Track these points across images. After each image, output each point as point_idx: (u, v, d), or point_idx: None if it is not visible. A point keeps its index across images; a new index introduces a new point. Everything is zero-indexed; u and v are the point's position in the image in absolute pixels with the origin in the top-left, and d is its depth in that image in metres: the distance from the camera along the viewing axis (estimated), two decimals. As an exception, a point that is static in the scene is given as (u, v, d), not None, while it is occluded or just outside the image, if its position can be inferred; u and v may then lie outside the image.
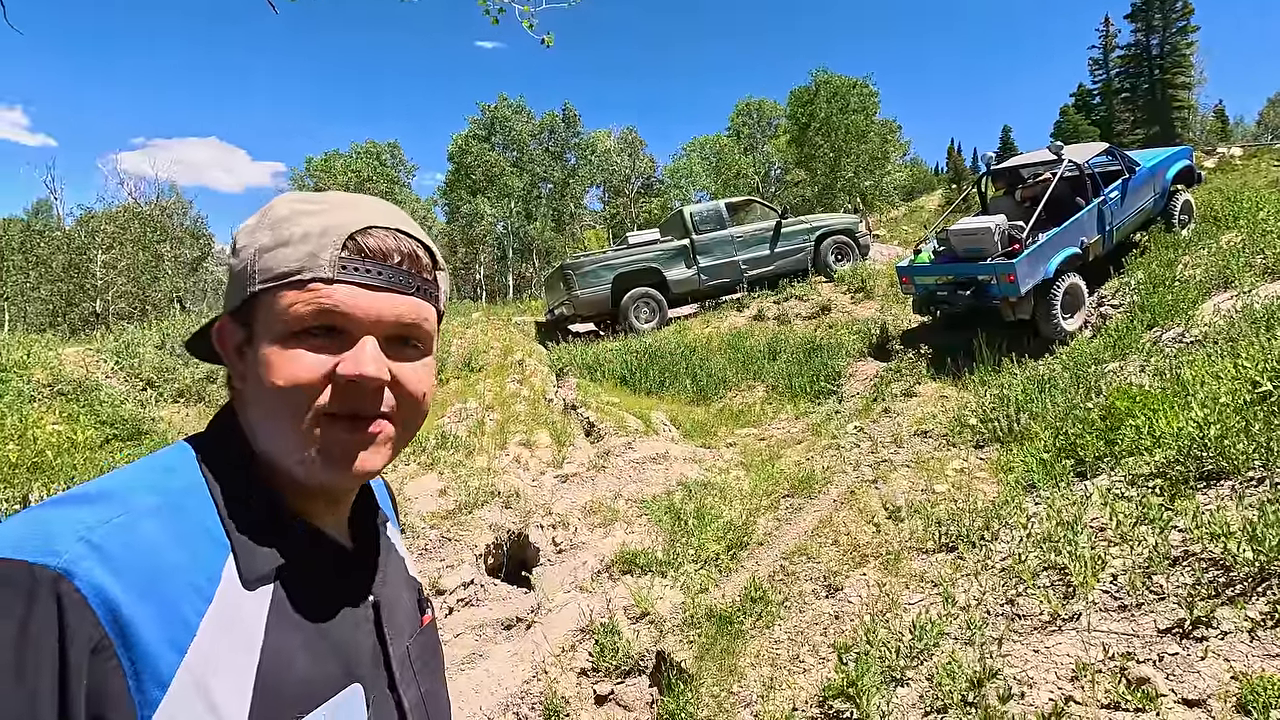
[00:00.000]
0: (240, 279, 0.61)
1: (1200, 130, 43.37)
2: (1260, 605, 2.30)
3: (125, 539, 0.51)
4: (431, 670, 0.76)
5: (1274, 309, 5.12)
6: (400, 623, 0.71)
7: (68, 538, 0.49)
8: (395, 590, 0.73)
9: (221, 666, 0.52)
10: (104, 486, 0.55)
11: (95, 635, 0.48)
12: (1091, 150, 8.03)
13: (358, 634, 0.65)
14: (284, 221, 0.61)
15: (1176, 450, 3.35)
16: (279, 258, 0.59)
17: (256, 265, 0.60)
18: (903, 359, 7.56)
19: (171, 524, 0.54)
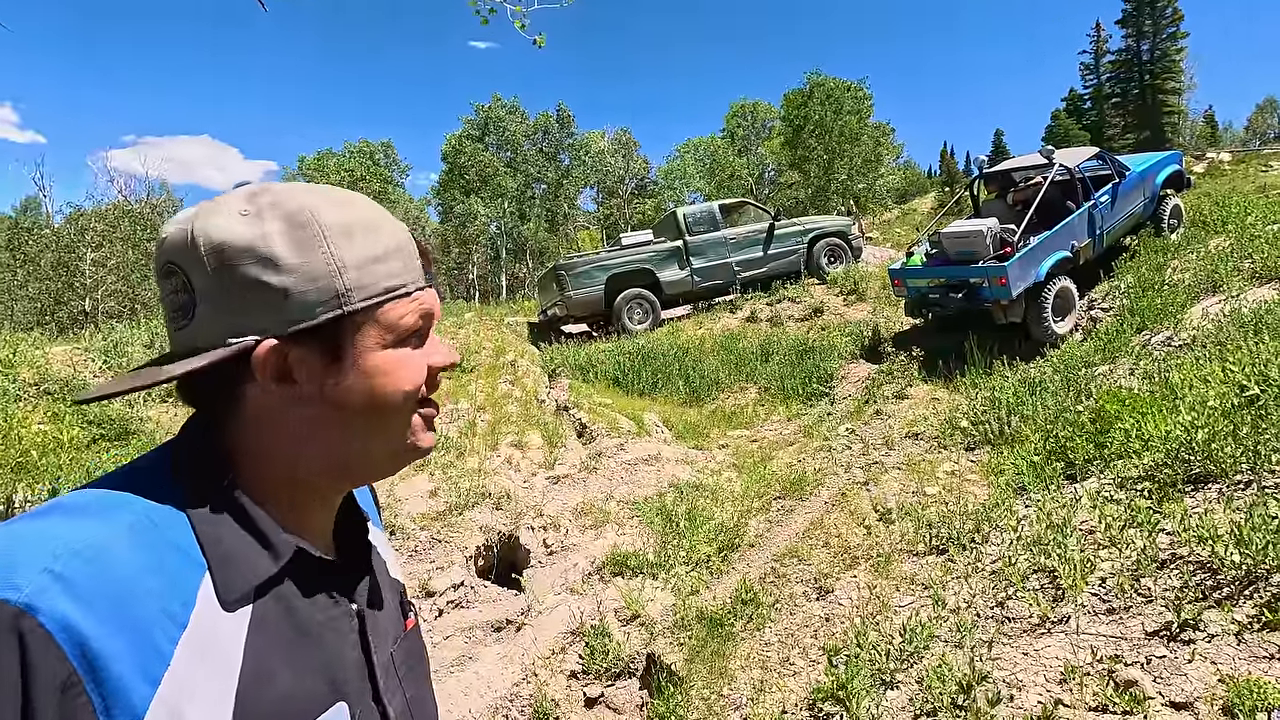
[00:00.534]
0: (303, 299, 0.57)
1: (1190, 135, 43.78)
2: (1247, 608, 2.31)
3: (93, 567, 0.48)
4: (416, 675, 0.75)
5: (1262, 313, 5.16)
6: (384, 629, 0.70)
7: (31, 569, 0.47)
8: (378, 596, 0.72)
9: (198, 693, 0.50)
10: (76, 502, 0.53)
11: (62, 672, 0.45)
12: (1082, 154, 8.08)
13: (342, 646, 0.63)
14: (358, 233, 0.59)
15: (1165, 453, 3.37)
16: (380, 273, 0.60)
17: (346, 282, 0.58)
18: (894, 361, 7.58)
19: (144, 544, 0.52)
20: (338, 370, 0.59)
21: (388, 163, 38.64)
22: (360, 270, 0.59)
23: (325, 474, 0.63)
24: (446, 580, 4.21)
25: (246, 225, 0.56)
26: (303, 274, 0.57)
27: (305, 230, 0.57)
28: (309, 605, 0.61)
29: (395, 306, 0.61)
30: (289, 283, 0.56)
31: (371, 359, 0.60)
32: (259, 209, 0.57)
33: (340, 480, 0.66)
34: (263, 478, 0.61)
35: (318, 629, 0.61)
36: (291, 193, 0.59)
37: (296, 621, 0.59)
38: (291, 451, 0.61)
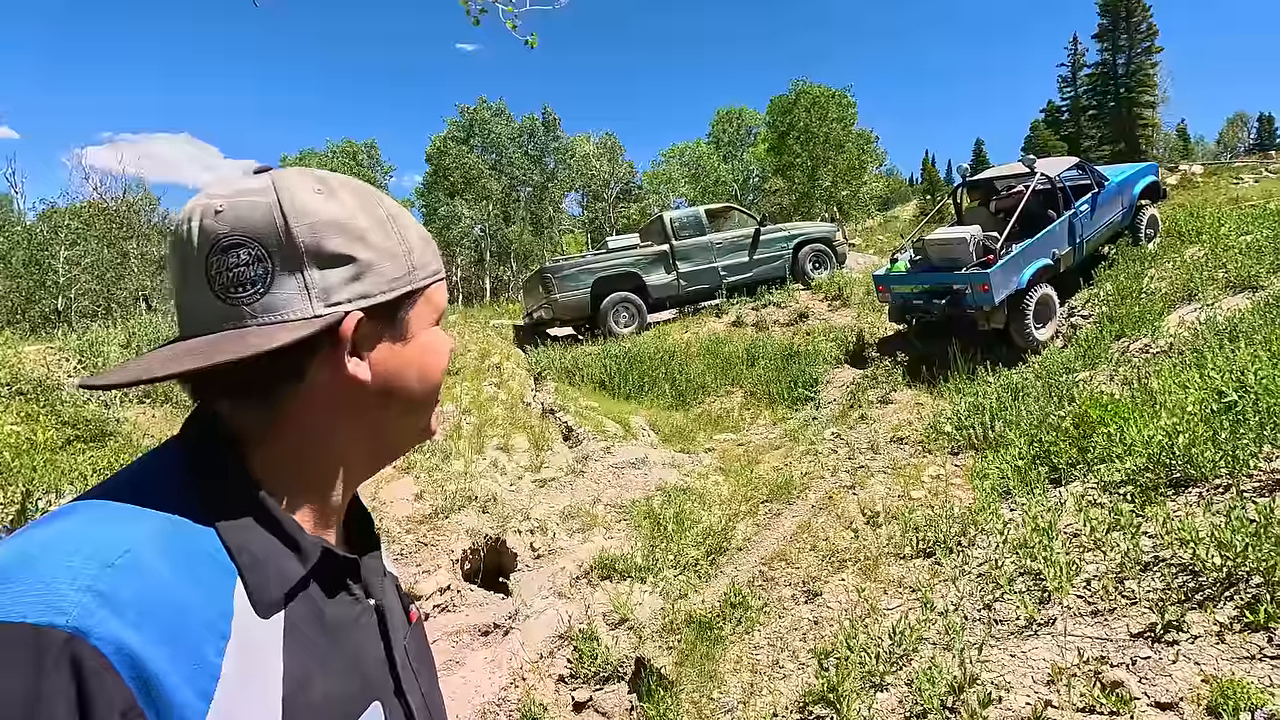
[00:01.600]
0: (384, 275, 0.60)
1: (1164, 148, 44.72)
2: (1228, 609, 2.35)
3: (136, 582, 0.45)
4: (427, 669, 0.75)
5: (1236, 321, 5.28)
6: (396, 624, 0.69)
7: (71, 587, 0.43)
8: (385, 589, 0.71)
9: (247, 705, 0.49)
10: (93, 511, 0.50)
11: (121, 700, 0.42)
12: (1063, 164, 8.22)
13: (368, 644, 0.64)
14: (406, 221, 0.64)
15: (1146, 458, 3.43)
16: (431, 256, 0.65)
17: (414, 261, 0.63)
18: (879, 366, 7.65)
19: (177, 552, 0.49)
20: (402, 345, 0.62)
21: (371, 163, 38.29)
22: (420, 251, 0.64)
23: (366, 456, 0.65)
24: (433, 584, 4.17)
25: (327, 201, 0.58)
26: (383, 250, 0.60)
27: (375, 211, 0.61)
28: (335, 605, 0.61)
29: (440, 287, 0.66)
30: (373, 258, 0.59)
31: (425, 336, 0.64)
32: (330, 188, 0.59)
33: (377, 463, 0.67)
34: (291, 473, 0.59)
35: (346, 628, 0.61)
36: (344, 178, 0.62)
37: (326, 623, 0.59)
38: (340, 434, 0.61)
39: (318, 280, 0.56)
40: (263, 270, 0.55)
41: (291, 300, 0.55)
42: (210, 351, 0.52)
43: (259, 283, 0.55)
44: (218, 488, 0.55)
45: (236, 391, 0.57)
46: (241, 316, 0.55)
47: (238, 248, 0.55)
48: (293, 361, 0.56)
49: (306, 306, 0.56)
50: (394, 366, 0.62)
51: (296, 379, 0.57)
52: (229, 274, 0.55)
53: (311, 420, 0.59)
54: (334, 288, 0.57)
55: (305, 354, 0.56)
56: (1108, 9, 45.28)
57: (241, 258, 0.55)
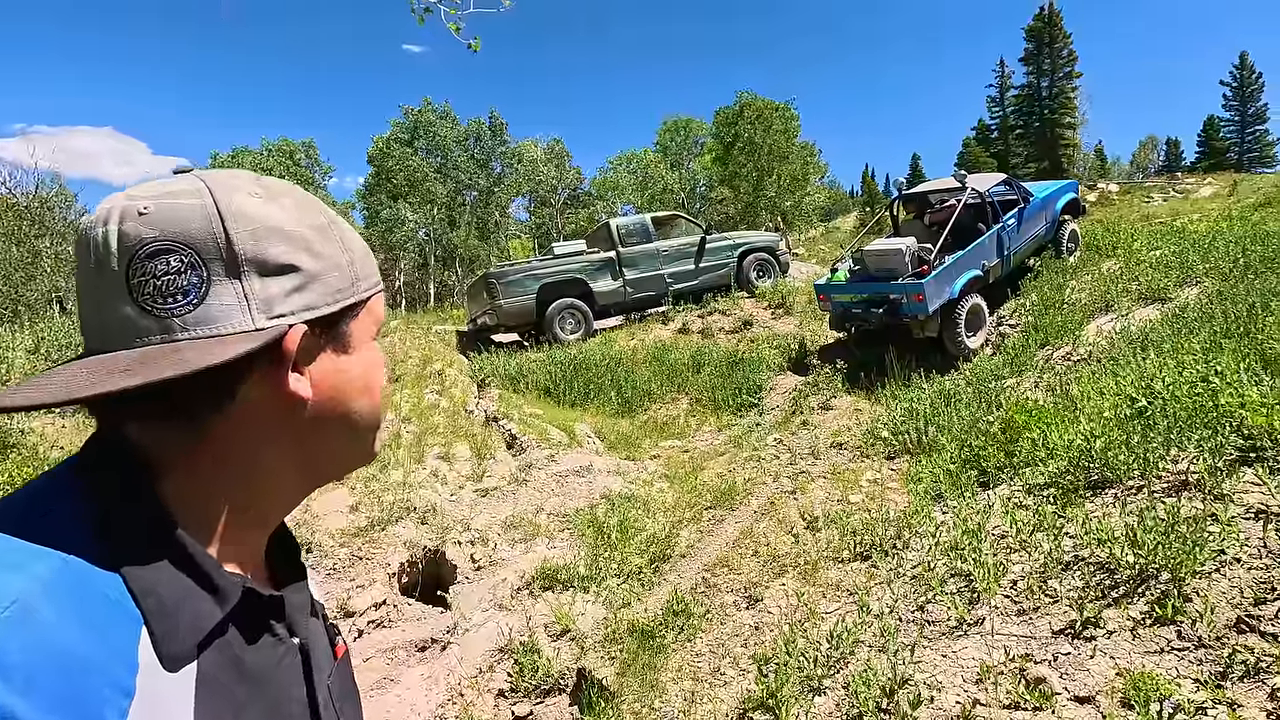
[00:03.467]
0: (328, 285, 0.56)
1: (1084, 166, 47.43)
2: (1140, 605, 2.47)
3: (24, 638, 0.39)
4: (351, 708, 0.70)
5: (1147, 331, 5.61)
6: (320, 662, 0.64)
7: None
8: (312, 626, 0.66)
9: None
10: None
11: None
12: (992, 180, 8.60)
13: (292, 687, 0.58)
14: (343, 230, 0.60)
15: (1067, 461, 3.59)
16: (371, 266, 0.61)
17: (359, 271, 0.59)
18: (820, 373, 7.81)
19: (72, 599, 0.43)
20: (346, 359, 0.59)
21: (309, 163, 37.03)
22: (363, 261, 0.61)
23: (298, 482, 0.60)
24: (367, 599, 4.02)
25: (266, 205, 0.53)
26: (328, 260, 0.56)
27: (317, 218, 0.57)
28: (256, 650, 0.55)
29: (380, 299, 0.63)
30: (318, 268, 0.56)
31: (366, 349, 0.61)
32: (269, 192, 0.55)
33: (308, 488, 0.62)
34: (210, 502, 0.54)
35: (267, 674, 0.55)
36: (281, 182, 0.58)
37: (244, 671, 0.53)
38: (270, 458, 0.56)
39: (258, 290, 0.52)
40: (196, 279, 0.50)
41: (229, 312, 0.50)
42: (143, 369, 0.46)
43: (192, 293, 0.50)
44: (122, 520, 0.48)
45: (158, 413, 0.50)
46: (171, 330, 0.49)
47: (166, 254, 0.49)
48: (227, 379, 0.51)
49: (246, 319, 0.51)
50: (338, 382, 0.58)
51: (228, 398, 0.52)
52: (156, 283, 0.49)
53: (239, 443, 0.53)
54: (276, 299, 0.53)
55: (242, 370, 0.51)
56: (1032, 35, 47.86)
57: (171, 265, 0.49)
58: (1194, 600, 2.36)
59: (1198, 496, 2.89)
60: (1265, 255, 6.66)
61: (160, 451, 0.51)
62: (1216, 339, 4.51)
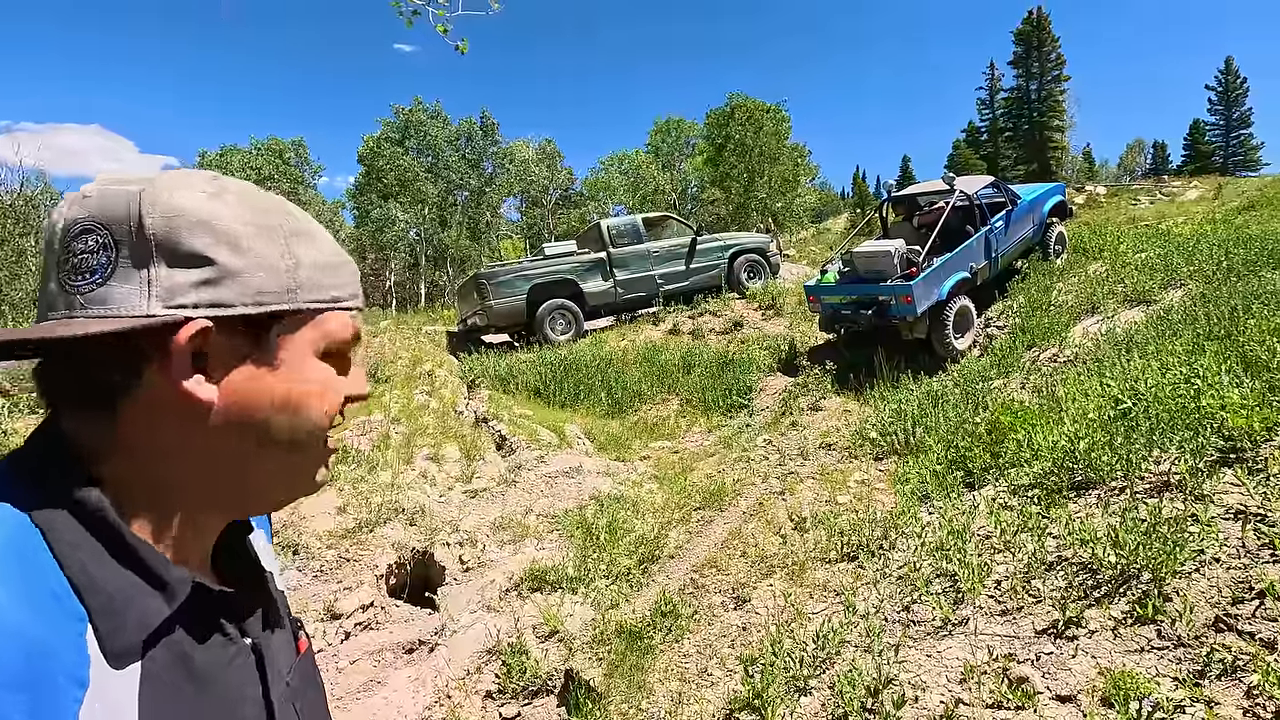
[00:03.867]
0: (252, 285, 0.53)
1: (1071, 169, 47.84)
2: (1122, 605, 2.50)
3: None
4: (313, 704, 0.69)
5: (1132, 333, 5.67)
6: (280, 658, 0.64)
7: None
8: (274, 621, 0.66)
9: None
10: None
11: None
12: (980, 182, 8.66)
13: (243, 688, 0.58)
14: (310, 239, 0.58)
15: (1052, 462, 3.63)
16: (333, 280, 0.59)
17: (299, 279, 0.56)
18: (809, 374, 7.84)
19: (23, 589, 0.43)
20: (268, 371, 0.55)
21: (299, 162, 36.80)
22: (313, 271, 0.58)
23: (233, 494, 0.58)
24: (355, 601, 4.00)
25: (209, 200, 0.53)
26: (256, 260, 0.54)
27: (268, 219, 0.56)
28: (205, 649, 0.55)
29: (337, 316, 0.60)
30: (240, 265, 0.53)
31: (301, 364, 0.57)
32: (223, 189, 0.55)
33: (247, 503, 0.60)
34: (144, 495, 0.53)
35: (217, 674, 0.55)
36: (246, 185, 0.57)
37: (192, 669, 0.53)
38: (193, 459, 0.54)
39: (163, 278, 0.50)
40: (105, 259, 0.50)
41: (128, 295, 0.50)
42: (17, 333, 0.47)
43: (98, 272, 0.50)
44: (64, 512, 0.48)
45: (71, 395, 0.52)
46: (72, 305, 0.50)
47: (88, 233, 0.50)
48: (124, 365, 0.50)
49: (142, 304, 0.49)
50: (250, 393, 0.54)
51: (134, 385, 0.51)
52: (73, 260, 0.50)
53: (158, 436, 0.52)
54: (179, 289, 0.51)
55: (139, 359, 0.50)
56: (1021, 38, 48.23)
57: (89, 244, 0.50)
58: (1174, 600, 2.39)
59: (1179, 497, 2.93)
60: (1248, 258, 6.75)
61: (90, 441, 0.51)
62: (1199, 341, 4.56)
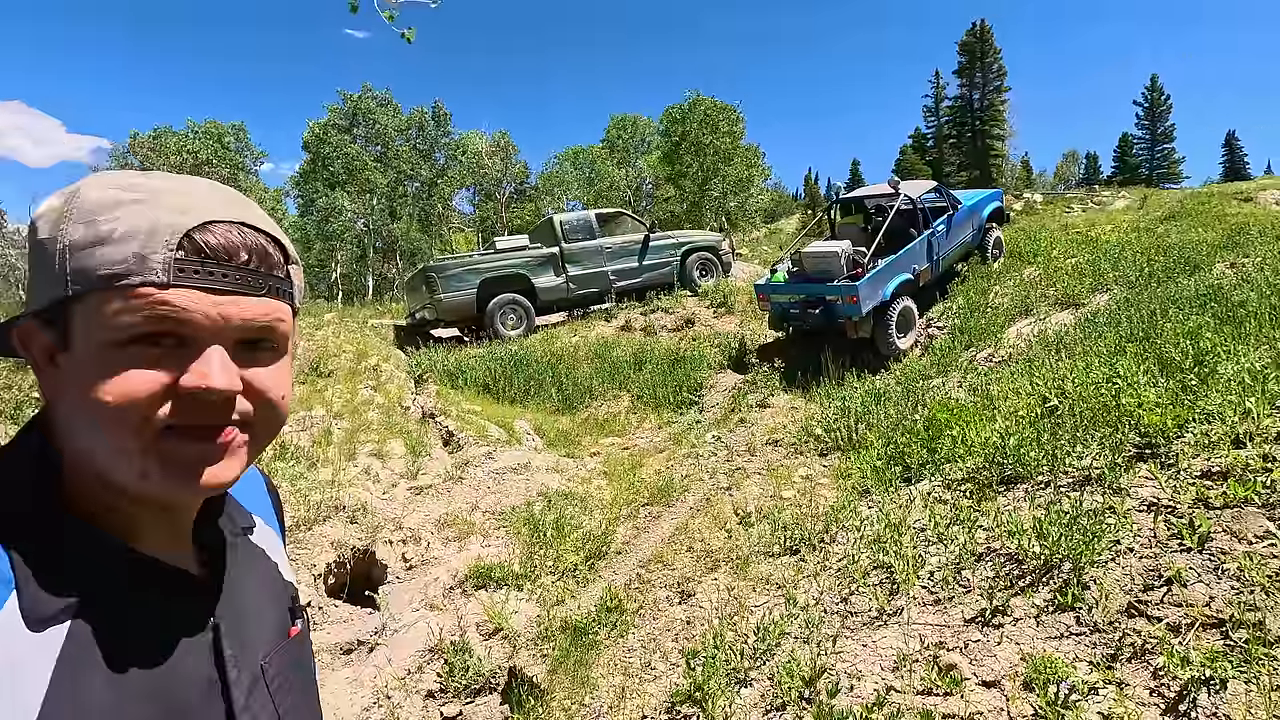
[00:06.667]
0: (47, 277, 0.53)
1: (1011, 177, 49.77)
2: (1045, 593, 2.62)
3: None
4: (295, 686, 0.69)
5: (1062, 334, 5.94)
6: (252, 641, 0.65)
7: None
8: (249, 605, 0.67)
9: None
10: None
11: None
12: (923, 187, 8.93)
13: (185, 663, 0.58)
14: (100, 212, 0.52)
15: (984, 458, 3.77)
16: (99, 258, 0.51)
17: (70, 264, 0.52)
18: (759, 372, 7.96)
19: None
20: (67, 355, 0.54)
21: (240, 147, 35.32)
22: (86, 253, 0.52)
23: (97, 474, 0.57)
24: (290, 602, 3.88)
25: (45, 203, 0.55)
26: (44, 254, 0.53)
27: (62, 207, 0.54)
28: (146, 621, 0.56)
29: (111, 301, 0.52)
30: (36, 262, 0.54)
31: (82, 358, 0.53)
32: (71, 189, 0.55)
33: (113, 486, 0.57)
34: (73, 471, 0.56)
35: (154, 648, 0.56)
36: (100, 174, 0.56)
37: (127, 640, 0.54)
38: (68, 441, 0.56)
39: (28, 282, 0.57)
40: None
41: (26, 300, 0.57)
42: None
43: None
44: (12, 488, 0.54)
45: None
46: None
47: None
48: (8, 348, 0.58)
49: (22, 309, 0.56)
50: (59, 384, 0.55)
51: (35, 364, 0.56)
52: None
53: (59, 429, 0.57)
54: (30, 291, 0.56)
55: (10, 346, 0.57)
56: (965, 49, 49.92)
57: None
58: (1091, 588, 2.51)
59: (1098, 491, 3.08)
60: (1167, 265, 7.15)
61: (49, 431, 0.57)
62: (1121, 343, 4.81)
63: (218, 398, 0.54)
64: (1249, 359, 3.65)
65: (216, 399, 0.54)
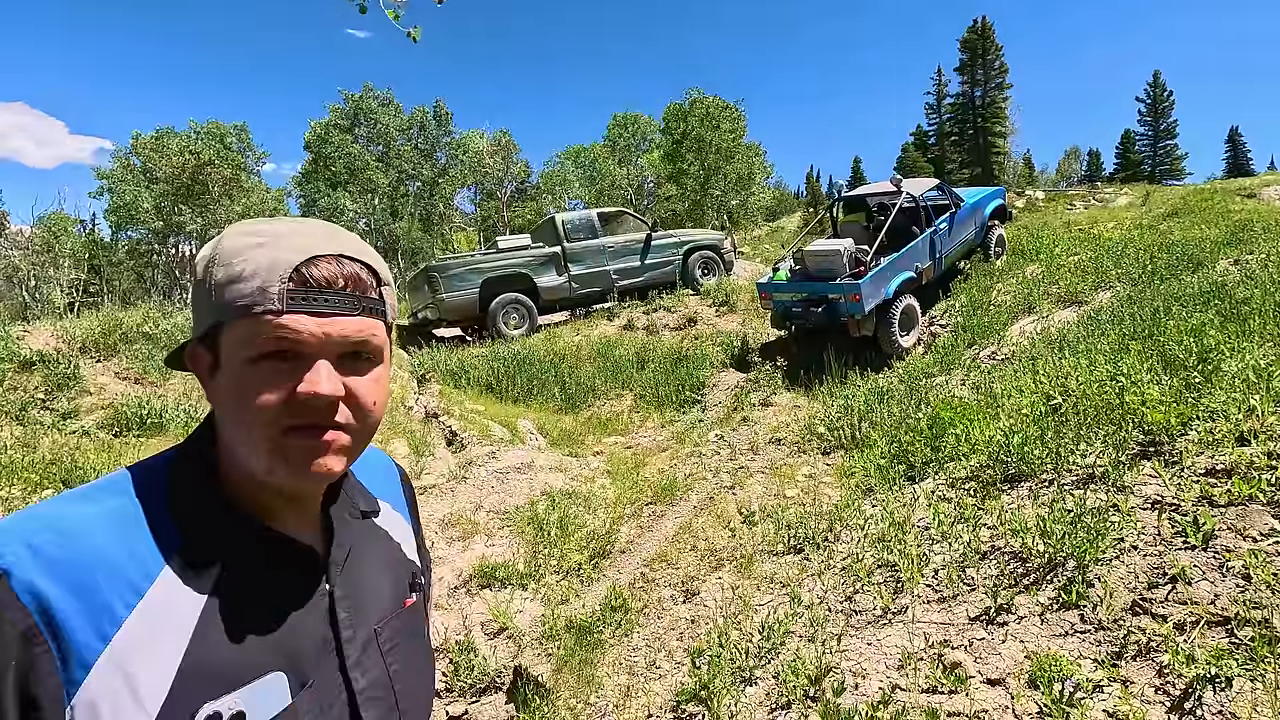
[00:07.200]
0: (205, 309, 0.67)
1: (1013, 174, 49.65)
2: (1049, 591, 2.62)
3: (66, 543, 0.59)
4: (405, 649, 0.81)
5: (1065, 332, 5.93)
6: (366, 608, 0.77)
7: (15, 542, 0.58)
8: (365, 577, 0.79)
9: (148, 652, 0.59)
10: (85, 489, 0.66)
11: (25, 623, 0.56)
12: (926, 185, 8.92)
13: (305, 622, 0.70)
14: (234, 256, 0.66)
15: (988, 456, 3.77)
16: (234, 292, 0.65)
17: (216, 299, 0.66)
18: (761, 370, 7.96)
19: (119, 525, 0.63)
20: (219, 375, 0.68)
21: (242, 147, 35.32)
22: (227, 289, 0.66)
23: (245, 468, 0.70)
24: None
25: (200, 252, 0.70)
26: (201, 291, 0.68)
27: (210, 254, 0.68)
28: (278, 585, 0.70)
29: (245, 326, 0.65)
30: (196, 297, 0.69)
31: (228, 372, 0.67)
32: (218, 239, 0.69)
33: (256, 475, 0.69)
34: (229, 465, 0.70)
35: (281, 606, 0.69)
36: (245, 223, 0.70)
37: (259, 599, 0.68)
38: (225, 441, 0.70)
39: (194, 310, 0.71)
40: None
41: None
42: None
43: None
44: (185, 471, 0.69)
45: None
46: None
47: None
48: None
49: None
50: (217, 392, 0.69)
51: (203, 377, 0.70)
52: None
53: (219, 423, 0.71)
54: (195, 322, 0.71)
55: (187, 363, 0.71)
56: (967, 46, 49.79)
57: None
58: (1096, 586, 2.52)
59: (1102, 488, 3.08)
60: (1170, 262, 7.13)
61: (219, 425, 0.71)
62: (1124, 340, 4.81)
63: (323, 402, 0.66)
64: (1253, 356, 3.65)
65: (322, 403, 0.66)
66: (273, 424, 0.65)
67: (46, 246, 27.65)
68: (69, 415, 5.75)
